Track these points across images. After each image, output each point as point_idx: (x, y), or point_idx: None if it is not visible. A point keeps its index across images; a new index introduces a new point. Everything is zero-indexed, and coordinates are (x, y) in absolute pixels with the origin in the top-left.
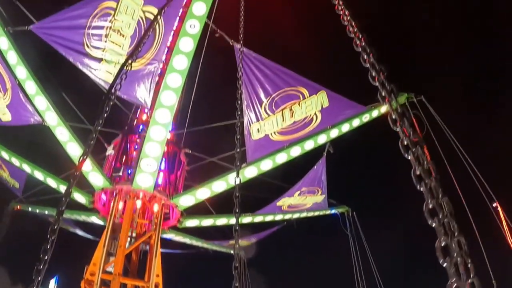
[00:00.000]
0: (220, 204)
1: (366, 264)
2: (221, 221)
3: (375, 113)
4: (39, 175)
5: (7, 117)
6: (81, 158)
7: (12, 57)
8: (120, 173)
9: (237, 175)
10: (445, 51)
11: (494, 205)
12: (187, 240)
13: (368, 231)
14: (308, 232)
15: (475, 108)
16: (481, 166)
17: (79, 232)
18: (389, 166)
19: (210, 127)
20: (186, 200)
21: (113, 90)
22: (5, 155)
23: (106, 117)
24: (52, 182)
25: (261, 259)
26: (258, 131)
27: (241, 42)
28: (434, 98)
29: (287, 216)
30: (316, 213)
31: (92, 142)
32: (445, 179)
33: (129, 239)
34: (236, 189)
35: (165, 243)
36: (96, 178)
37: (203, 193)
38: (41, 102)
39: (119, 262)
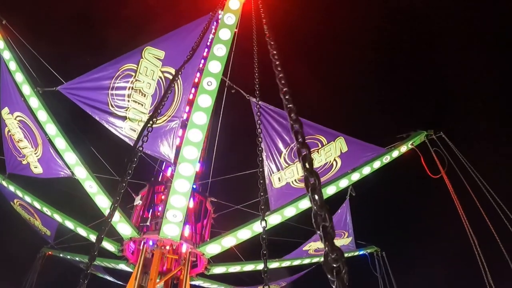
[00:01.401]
0: (248, 250)
1: None
2: (249, 267)
3: (395, 154)
4: (69, 224)
5: (38, 170)
6: (111, 208)
7: (42, 115)
8: (148, 223)
9: (263, 219)
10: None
11: None
12: (215, 286)
13: (397, 272)
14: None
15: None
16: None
17: (109, 278)
18: (414, 204)
19: (234, 176)
20: (213, 248)
21: (138, 146)
22: (37, 205)
23: (133, 169)
24: (82, 231)
25: None
26: (279, 180)
27: (257, 97)
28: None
29: (315, 260)
30: (345, 255)
31: (118, 198)
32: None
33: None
34: (263, 232)
35: None
36: (124, 228)
37: (229, 241)
38: (71, 157)
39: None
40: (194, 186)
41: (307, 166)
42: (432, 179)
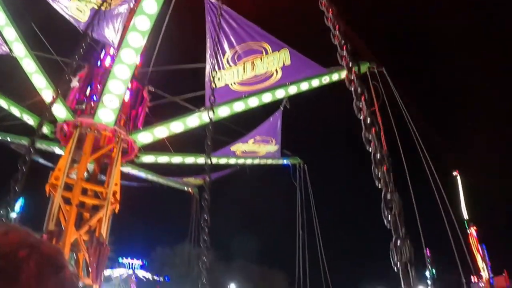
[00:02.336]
0: (178, 144)
1: (310, 215)
2: (177, 159)
3: (335, 77)
4: (3, 103)
5: None
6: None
7: None
8: (83, 106)
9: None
10: None
11: (454, 173)
12: (143, 174)
13: (316, 185)
14: (260, 178)
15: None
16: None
17: (41, 161)
18: (344, 128)
19: (175, 68)
20: (144, 137)
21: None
22: None
23: (74, 49)
24: (15, 111)
25: (212, 199)
26: (219, 80)
27: None
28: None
29: (241, 161)
30: (269, 162)
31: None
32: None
33: None
34: (209, 124)
35: (123, 176)
36: (59, 110)
37: (161, 131)
38: (10, 33)
39: (82, 168)
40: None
41: None
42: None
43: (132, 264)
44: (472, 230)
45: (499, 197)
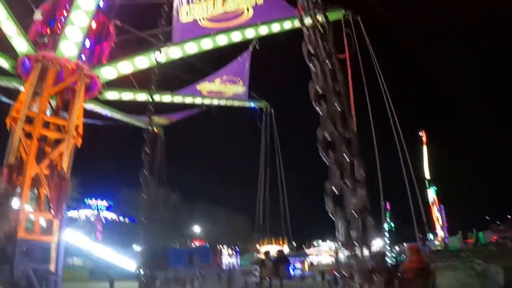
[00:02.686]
0: (146, 81)
1: (274, 159)
2: (141, 96)
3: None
4: None
5: None
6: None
7: None
8: (45, 40)
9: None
10: None
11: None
12: (107, 112)
13: (282, 131)
14: (225, 120)
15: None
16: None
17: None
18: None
19: (143, 1)
20: (108, 72)
21: None
22: None
23: None
24: None
25: (178, 138)
26: (187, 14)
27: None
28: None
29: (207, 101)
30: (236, 103)
31: None
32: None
33: None
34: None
35: (88, 114)
36: (20, 43)
37: (125, 66)
38: None
39: (44, 101)
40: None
41: None
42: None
43: (98, 205)
44: (433, 190)
45: (463, 162)
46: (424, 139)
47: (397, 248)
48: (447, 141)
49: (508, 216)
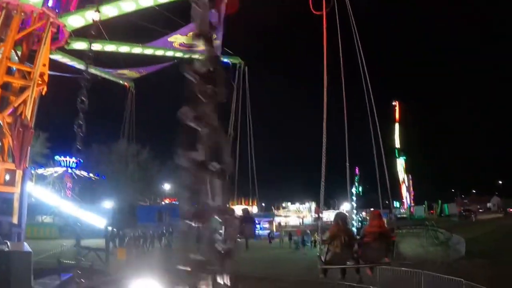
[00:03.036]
0: (117, 33)
1: (245, 118)
2: (110, 47)
3: None
4: None
5: None
6: None
7: None
8: None
9: None
10: None
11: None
12: (75, 63)
13: (255, 89)
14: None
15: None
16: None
17: None
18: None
19: None
20: (75, 21)
21: None
22: None
23: None
24: None
25: (149, 92)
26: None
27: None
28: None
29: (178, 55)
30: None
31: None
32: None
33: None
34: None
35: (56, 67)
36: None
37: (93, 15)
38: None
39: (8, 47)
40: None
41: None
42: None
43: (68, 162)
44: (402, 160)
45: (434, 135)
46: (397, 109)
47: (363, 213)
48: (420, 113)
49: (473, 191)
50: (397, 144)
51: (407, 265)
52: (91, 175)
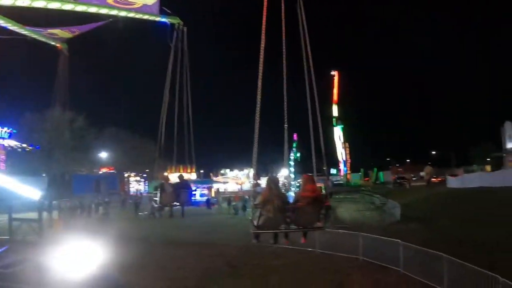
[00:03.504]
0: None
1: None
2: (39, 3)
3: None
4: None
5: None
6: None
7: None
8: None
9: None
10: None
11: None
12: (1, 22)
13: (194, 51)
14: (134, 36)
15: None
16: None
17: None
18: None
19: None
20: None
21: None
22: None
23: None
24: None
25: (83, 54)
26: None
27: None
28: None
29: (113, 12)
30: (145, 17)
31: None
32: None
33: None
34: None
35: None
36: None
37: None
38: None
39: None
40: None
41: None
42: None
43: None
44: (339, 128)
45: (372, 106)
46: (336, 78)
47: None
48: (359, 84)
49: (407, 160)
50: (335, 112)
51: (344, 229)
52: (24, 145)
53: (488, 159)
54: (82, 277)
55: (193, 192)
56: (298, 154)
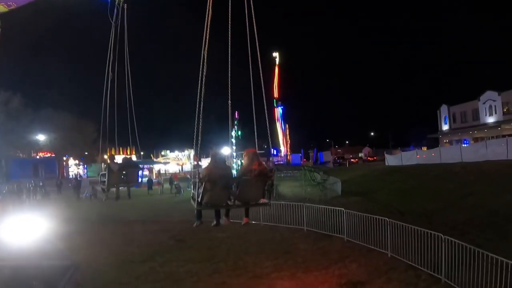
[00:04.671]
0: None
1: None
2: None
3: None
4: None
5: None
6: None
7: None
8: None
9: None
10: None
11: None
12: None
13: (136, 31)
14: (74, 11)
15: None
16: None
17: None
18: None
19: None
20: None
21: None
22: None
23: None
24: None
25: (19, 30)
26: None
27: None
28: None
29: None
30: None
31: None
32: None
33: None
34: None
35: None
36: None
37: None
38: None
39: None
40: None
41: None
42: None
43: None
44: (280, 108)
45: (313, 86)
46: (277, 59)
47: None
48: (301, 66)
49: (347, 142)
50: (276, 94)
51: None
52: None
53: (424, 141)
54: (27, 247)
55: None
56: (240, 133)
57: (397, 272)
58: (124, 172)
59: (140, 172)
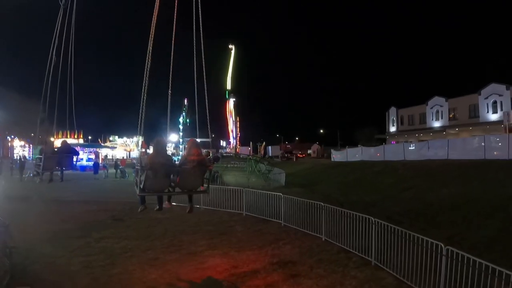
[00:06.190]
0: None
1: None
2: None
3: None
4: None
5: None
6: None
7: None
8: None
9: None
10: None
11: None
12: None
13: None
14: None
15: None
16: None
17: None
18: None
19: None
20: None
21: None
22: None
23: None
24: None
25: None
26: None
27: None
28: None
29: None
30: None
31: None
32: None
33: None
34: None
35: None
36: None
37: None
38: None
39: None
40: None
41: None
42: None
43: None
44: (232, 101)
45: (265, 83)
46: (232, 52)
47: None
48: (255, 60)
49: (296, 138)
50: (228, 86)
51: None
52: None
53: (372, 142)
54: None
55: (79, 157)
56: (188, 120)
57: (329, 254)
58: (58, 156)
59: (75, 158)
